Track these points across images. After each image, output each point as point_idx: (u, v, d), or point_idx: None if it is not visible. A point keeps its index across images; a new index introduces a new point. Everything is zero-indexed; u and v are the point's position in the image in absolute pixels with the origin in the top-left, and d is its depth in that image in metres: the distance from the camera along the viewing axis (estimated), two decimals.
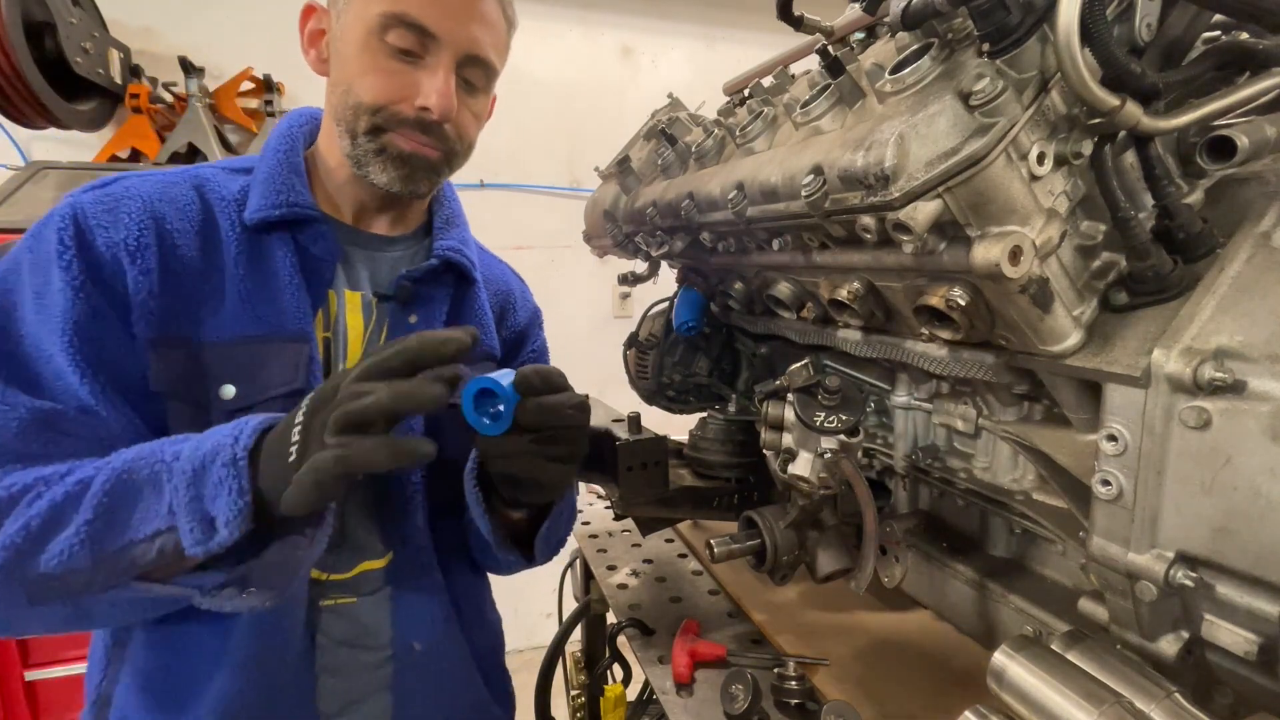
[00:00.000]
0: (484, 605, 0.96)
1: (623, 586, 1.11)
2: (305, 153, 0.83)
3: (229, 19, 2.56)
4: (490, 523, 0.77)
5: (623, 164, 1.17)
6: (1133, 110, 0.52)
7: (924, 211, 0.55)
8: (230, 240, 0.75)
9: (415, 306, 0.85)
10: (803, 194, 0.64)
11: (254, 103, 2.53)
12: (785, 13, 0.75)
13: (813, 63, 0.79)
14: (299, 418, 0.55)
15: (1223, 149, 0.59)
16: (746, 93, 1.02)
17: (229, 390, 0.71)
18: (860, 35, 0.84)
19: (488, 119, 0.91)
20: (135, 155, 2.31)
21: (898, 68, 0.59)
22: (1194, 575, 0.51)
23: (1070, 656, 0.54)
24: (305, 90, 2.57)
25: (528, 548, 0.83)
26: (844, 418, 0.74)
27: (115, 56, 2.28)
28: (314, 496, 0.52)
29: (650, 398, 1.28)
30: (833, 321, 0.85)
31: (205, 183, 0.78)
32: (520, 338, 0.99)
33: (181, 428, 0.68)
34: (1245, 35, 0.63)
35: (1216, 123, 0.59)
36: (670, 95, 1.29)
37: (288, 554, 0.59)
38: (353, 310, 0.81)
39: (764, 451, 0.82)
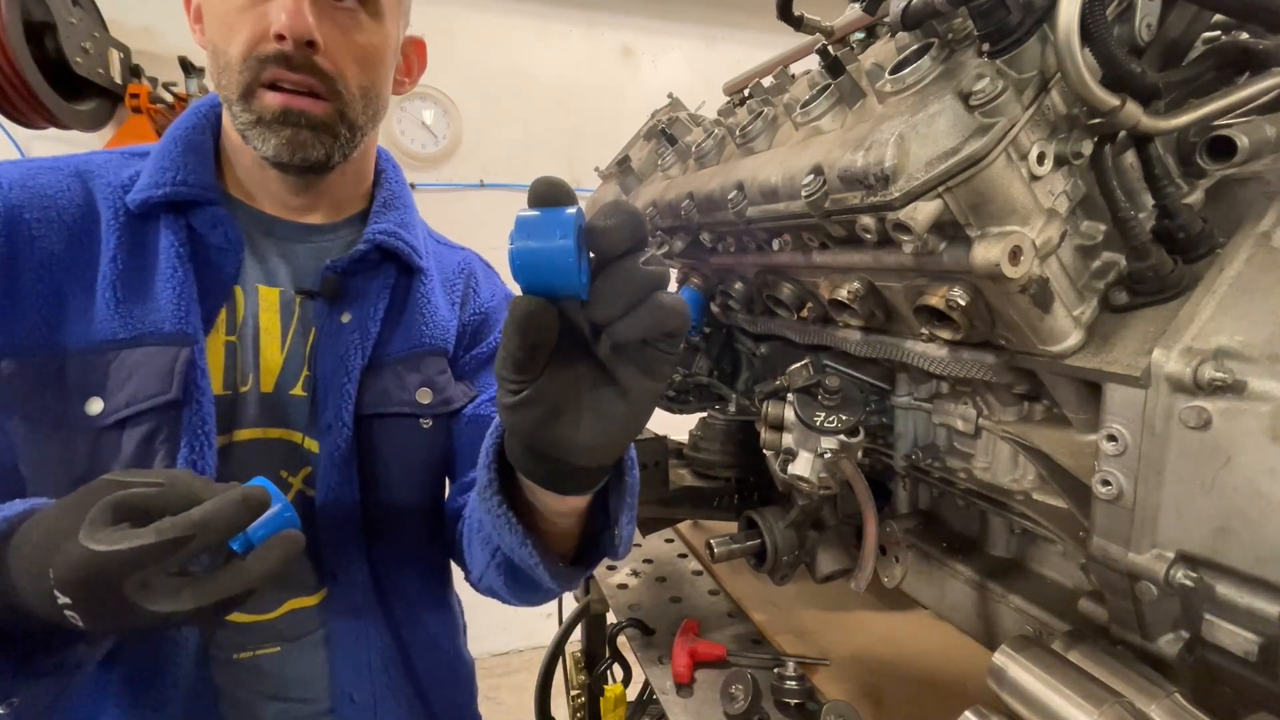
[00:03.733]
0: (448, 650, 0.82)
1: (623, 586, 1.11)
2: (221, 140, 0.74)
3: None
4: (516, 522, 0.54)
5: (623, 164, 1.17)
6: (1133, 110, 0.52)
7: (924, 211, 0.55)
8: (111, 230, 0.65)
9: (347, 304, 0.73)
10: (803, 194, 0.64)
11: None
12: (785, 13, 0.75)
13: (813, 63, 0.79)
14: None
15: (1223, 149, 0.59)
16: (746, 93, 1.01)
17: (95, 404, 0.61)
18: (860, 35, 0.84)
19: (419, 73, 0.81)
20: None
21: (898, 68, 0.59)
22: (1194, 575, 0.51)
23: (1070, 656, 0.54)
24: None
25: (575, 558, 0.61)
26: (844, 418, 0.74)
27: (115, 56, 2.28)
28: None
29: None
30: (833, 321, 0.85)
31: (94, 169, 0.68)
32: (484, 319, 0.86)
33: (36, 450, 0.61)
34: (1245, 35, 0.63)
35: (1216, 123, 0.59)
36: (670, 95, 1.29)
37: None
38: (268, 309, 0.71)
39: (764, 451, 0.82)
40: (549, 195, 0.38)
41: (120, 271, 0.64)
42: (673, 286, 1.27)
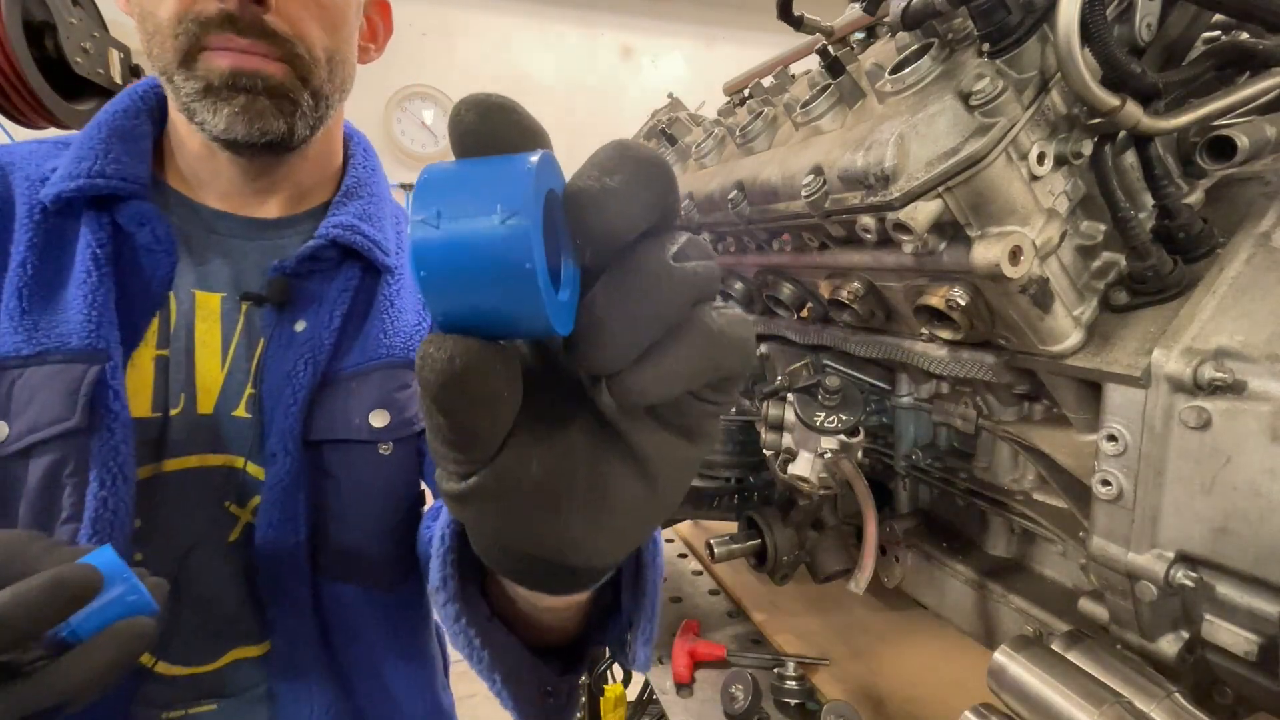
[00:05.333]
0: (415, 705, 0.72)
1: None
2: (166, 127, 0.66)
3: None
4: (480, 646, 0.42)
5: None
6: (1133, 110, 0.52)
7: (924, 211, 0.55)
8: (24, 228, 0.57)
9: (300, 310, 0.64)
10: (803, 194, 0.64)
11: None
12: (785, 13, 0.75)
13: (813, 63, 0.79)
14: None
15: (1223, 149, 0.59)
16: (746, 93, 1.02)
17: (0, 429, 0.54)
18: (860, 35, 0.84)
19: (385, 38, 0.73)
20: None
21: (898, 68, 0.59)
22: (1194, 575, 0.51)
23: (1070, 656, 0.54)
24: None
25: (567, 658, 0.47)
26: (844, 418, 0.74)
27: (115, 56, 2.28)
28: None
29: None
30: (833, 321, 0.85)
31: (16, 161, 0.61)
32: None
33: None
34: (1245, 35, 0.63)
35: (1216, 123, 0.59)
36: (670, 95, 1.30)
37: None
38: (206, 318, 0.62)
39: (764, 451, 0.82)
40: (486, 130, 0.20)
41: (29, 277, 0.56)
42: None
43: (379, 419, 0.65)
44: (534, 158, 0.19)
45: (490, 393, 0.21)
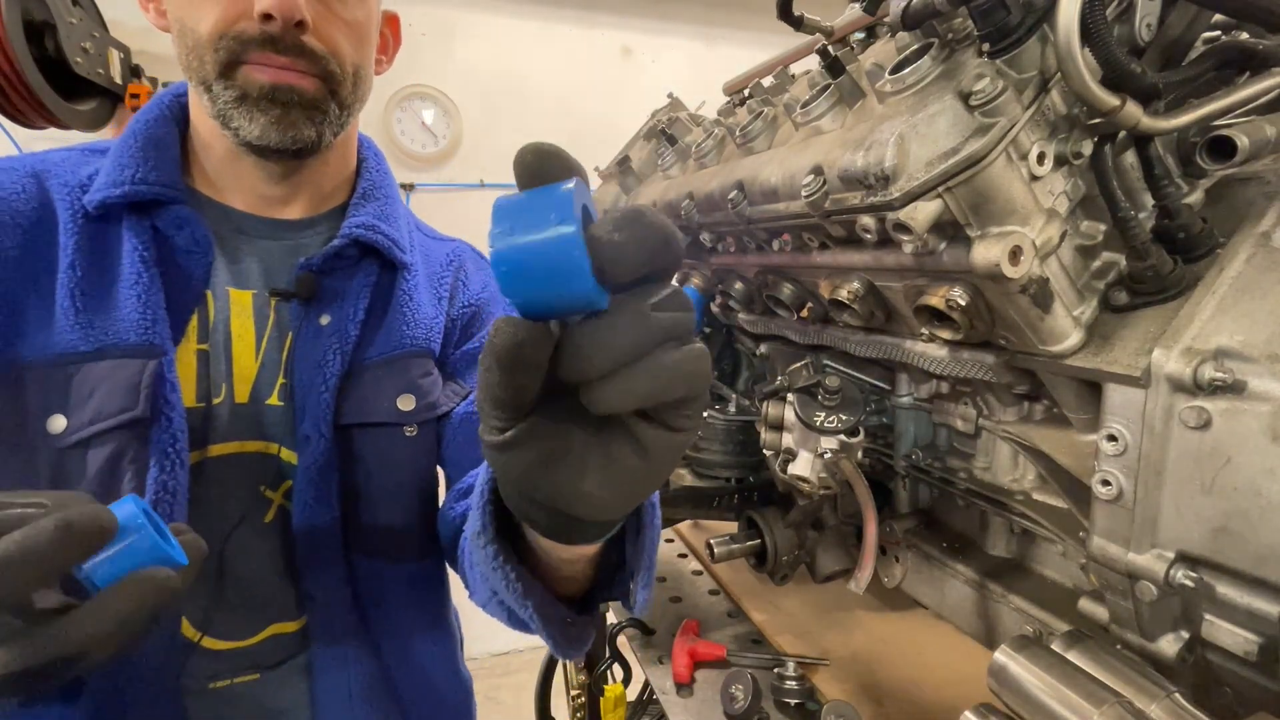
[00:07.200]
0: (440, 672, 0.77)
1: None
2: (188, 133, 0.70)
3: None
4: (515, 580, 0.46)
5: (623, 164, 1.17)
6: (1133, 110, 0.52)
7: (924, 211, 0.55)
8: (69, 233, 0.61)
9: (325, 305, 0.68)
10: (803, 194, 0.64)
11: None
12: (785, 13, 0.75)
13: (813, 63, 0.79)
14: None
15: (1223, 149, 0.59)
16: (746, 93, 1.02)
17: (58, 422, 0.57)
18: (860, 35, 0.85)
19: (395, 50, 0.78)
20: None
21: (898, 68, 0.59)
22: (1194, 575, 0.51)
23: (1070, 656, 0.54)
24: None
25: (585, 603, 0.53)
26: (844, 418, 0.74)
27: (115, 56, 2.28)
28: None
29: None
30: (833, 321, 0.85)
31: (51, 168, 0.64)
32: (475, 313, 0.81)
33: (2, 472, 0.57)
34: (1245, 35, 0.63)
35: (1216, 123, 0.59)
36: (670, 95, 1.29)
37: None
38: (240, 314, 0.66)
39: (764, 451, 0.82)
40: (540, 169, 0.28)
41: (79, 278, 0.60)
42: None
43: (406, 403, 0.70)
44: (569, 184, 0.27)
45: (538, 361, 0.28)
